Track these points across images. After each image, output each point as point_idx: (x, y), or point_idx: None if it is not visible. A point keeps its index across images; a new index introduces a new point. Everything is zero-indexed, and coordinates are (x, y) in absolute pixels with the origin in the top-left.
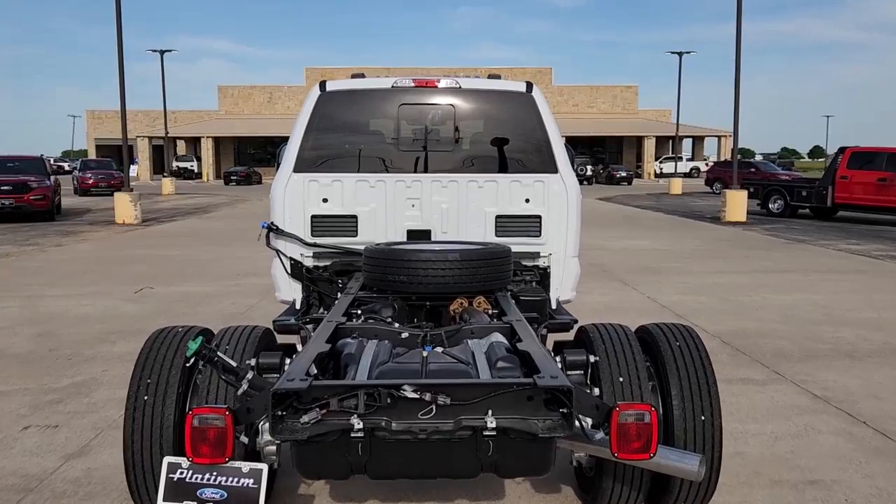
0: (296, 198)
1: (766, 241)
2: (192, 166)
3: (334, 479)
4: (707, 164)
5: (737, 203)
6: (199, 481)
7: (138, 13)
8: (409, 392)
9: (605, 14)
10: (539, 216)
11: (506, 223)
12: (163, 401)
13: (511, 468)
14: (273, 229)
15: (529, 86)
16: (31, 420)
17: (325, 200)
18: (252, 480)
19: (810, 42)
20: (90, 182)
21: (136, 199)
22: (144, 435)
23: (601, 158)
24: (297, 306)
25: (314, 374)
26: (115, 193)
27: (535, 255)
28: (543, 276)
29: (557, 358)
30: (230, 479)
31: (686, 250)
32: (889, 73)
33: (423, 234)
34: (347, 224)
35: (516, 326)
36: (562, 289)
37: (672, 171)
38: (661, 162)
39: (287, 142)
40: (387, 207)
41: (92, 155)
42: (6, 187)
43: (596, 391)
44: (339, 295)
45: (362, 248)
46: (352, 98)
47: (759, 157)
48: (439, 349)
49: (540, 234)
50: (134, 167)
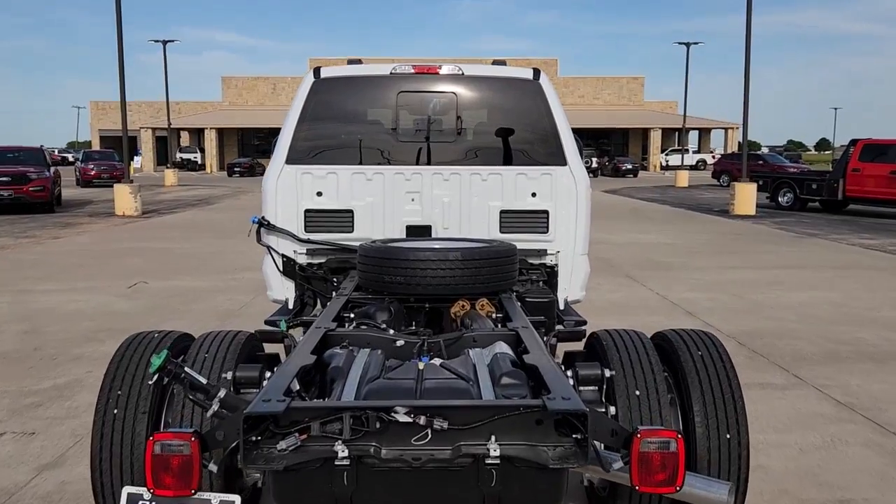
0: (288, 191)
1: (776, 236)
2: (195, 158)
3: None
4: (714, 157)
5: (746, 196)
6: None
7: (143, 5)
8: (401, 415)
9: (611, 5)
10: (546, 211)
11: (511, 219)
12: (133, 415)
13: (517, 500)
14: (264, 224)
15: (537, 73)
16: (6, 426)
17: (319, 194)
18: None
19: (817, 34)
20: (92, 173)
21: (137, 190)
22: (114, 453)
23: (607, 150)
24: (290, 306)
25: (296, 390)
26: (116, 185)
27: (542, 253)
28: (551, 275)
29: (569, 372)
30: None
31: (695, 244)
32: None
33: (424, 230)
34: (343, 219)
35: (522, 334)
36: (570, 288)
37: (678, 163)
38: (667, 154)
39: (280, 132)
40: (385, 201)
41: (96, 146)
42: (5, 178)
43: (612, 410)
44: (333, 294)
45: (358, 244)
46: (348, 85)
47: (765, 150)
48: (437, 361)
49: (547, 231)
50: (137, 158)
